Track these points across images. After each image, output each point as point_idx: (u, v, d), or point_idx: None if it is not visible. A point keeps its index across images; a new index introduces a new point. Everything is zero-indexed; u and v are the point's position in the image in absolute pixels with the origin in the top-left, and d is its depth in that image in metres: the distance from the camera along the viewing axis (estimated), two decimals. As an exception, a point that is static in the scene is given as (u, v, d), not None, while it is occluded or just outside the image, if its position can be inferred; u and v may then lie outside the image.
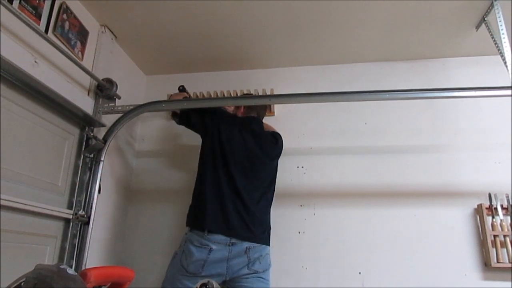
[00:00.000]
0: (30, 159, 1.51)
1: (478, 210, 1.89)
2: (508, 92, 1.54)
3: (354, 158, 2.10)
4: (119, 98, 1.97)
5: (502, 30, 1.70)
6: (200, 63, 2.34)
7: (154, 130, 2.38)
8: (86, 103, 1.82)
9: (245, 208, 1.66)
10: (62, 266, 0.89)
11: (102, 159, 1.83)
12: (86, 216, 1.74)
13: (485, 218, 1.83)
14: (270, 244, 1.73)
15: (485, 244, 1.81)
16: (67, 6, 1.69)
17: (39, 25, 1.52)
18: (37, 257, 1.54)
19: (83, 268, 1.65)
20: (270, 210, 1.83)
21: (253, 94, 2.23)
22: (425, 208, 1.94)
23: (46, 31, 1.57)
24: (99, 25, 1.98)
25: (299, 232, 2.01)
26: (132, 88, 2.30)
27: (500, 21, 1.70)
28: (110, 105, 1.93)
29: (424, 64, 2.21)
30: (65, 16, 1.68)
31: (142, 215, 2.19)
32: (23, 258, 1.45)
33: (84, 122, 1.84)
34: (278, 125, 2.14)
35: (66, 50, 1.66)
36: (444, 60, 2.20)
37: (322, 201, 2.04)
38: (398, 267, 1.88)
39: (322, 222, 2.01)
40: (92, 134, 1.79)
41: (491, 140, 2.00)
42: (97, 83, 1.89)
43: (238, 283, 1.60)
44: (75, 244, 1.69)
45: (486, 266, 1.80)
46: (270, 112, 2.23)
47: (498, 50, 1.76)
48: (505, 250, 1.78)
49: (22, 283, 0.82)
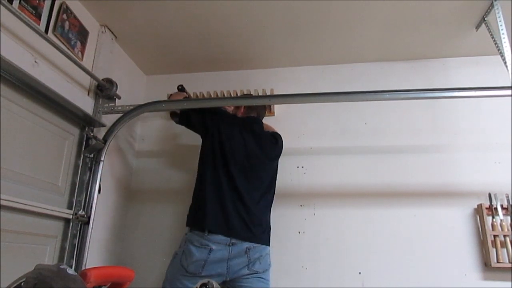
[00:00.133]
0: (30, 159, 1.51)
1: (478, 210, 1.89)
2: (508, 92, 1.54)
3: (354, 158, 2.10)
4: (119, 98, 1.97)
5: (502, 30, 1.71)
6: (200, 63, 2.34)
7: (154, 130, 2.38)
8: (86, 103, 1.82)
9: (245, 208, 1.66)
10: (62, 266, 0.89)
11: (102, 159, 1.83)
12: (86, 216, 1.74)
13: (485, 218, 1.83)
14: (270, 244, 1.73)
15: (485, 244, 1.81)
16: (67, 6, 1.69)
17: (39, 25, 1.52)
18: (37, 257, 1.54)
19: (83, 268, 1.65)
20: (270, 210, 1.83)
21: (253, 94, 2.23)
22: (425, 208, 1.94)
23: (46, 31, 1.57)
24: (99, 25, 1.98)
25: (299, 232, 2.01)
26: (132, 88, 2.30)
27: (500, 21, 1.70)
28: (110, 105, 1.94)
29: (424, 64, 2.21)
30: (65, 16, 1.68)
31: (142, 215, 2.19)
32: (23, 258, 1.45)
33: (84, 122, 1.84)
34: (278, 125, 2.14)
35: (66, 50, 1.66)
36: (444, 60, 2.20)
37: (322, 201, 2.05)
38: (398, 267, 1.88)
39: (322, 222, 2.01)
40: (92, 134, 1.79)
41: (491, 140, 2.00)
42: (97, 83, 1.90)
43: (238, 283, 1.61)
44: (75, 244, 1.70)
45: (486, 266, 1.80)
46: (270, 112, 2.23)
47: (498, 50, 1.76)
48: (505, 250, 1.78)
49: (22, 283, 0.82)
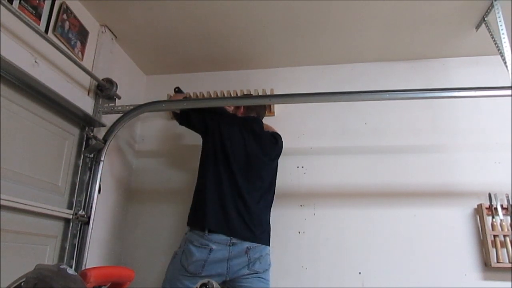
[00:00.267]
0: (30, 159, 1.51)
1: (478, 210, 1.89)
2: (508, 92, 1.54)
3: (354, 158, 2.10)
4: (119, 98, 1.97)
5: (502, 30, 1.71)
6: (200, 63, 2.34)
7: (154, 130, 2.38)
8: (86, 103, 1.82)
9: (245, 208, 1.66)
10: (62, 266, 0.88)
11: (102, 159, 1.83)
12: (86, 216, 1.74)
13: (485, 218, 1.83)
14: (270, 244, 1.73)
15: (485, 244, 1.81)
16: (67, 6, 1.69)
17: (39, 25, 1.52)
18: (37, 257, 1.54)
19: (83, 268, 1.65)
20: (270, 210, 1.83)
21: (253, 94, 2.23)
22: (425, 208, 1.94)
23: (46, 31, 1.57)
24: (99, 25, 1.97)
25: (299, 232, 2.01)
26: (132, 88, 2.30)
27: (500, 21, 1.70)
28: (110, 105, 1.93)
29: (424, 64, 2.22)
30: (65, 16, 1.68)
31: (142, 215, 2.19)
32: (23, 258, 1.45)
33: (84, 122, 1.84)
34: (278, 125, 2.14)
35: (66, 50, 1.66)
36: (444, 60, 2.20)
37: (322, 201, 2.05)
38: (398, 267, 1.88)
39: (322, 222, 2.01)
40: (92, 134, 1.79)
41: (491, 140, 2.00)
42: (97, 83, 1.90)
43: (238, 283, 1.60)
44: (75, 244, 1.70)
45: (486, 266, 1.80)
46: (270, 112, 2.23)
47: (498, 50, 1.76)
48: (505, 250, 1.78)
49: (22, 283, 0.82)
